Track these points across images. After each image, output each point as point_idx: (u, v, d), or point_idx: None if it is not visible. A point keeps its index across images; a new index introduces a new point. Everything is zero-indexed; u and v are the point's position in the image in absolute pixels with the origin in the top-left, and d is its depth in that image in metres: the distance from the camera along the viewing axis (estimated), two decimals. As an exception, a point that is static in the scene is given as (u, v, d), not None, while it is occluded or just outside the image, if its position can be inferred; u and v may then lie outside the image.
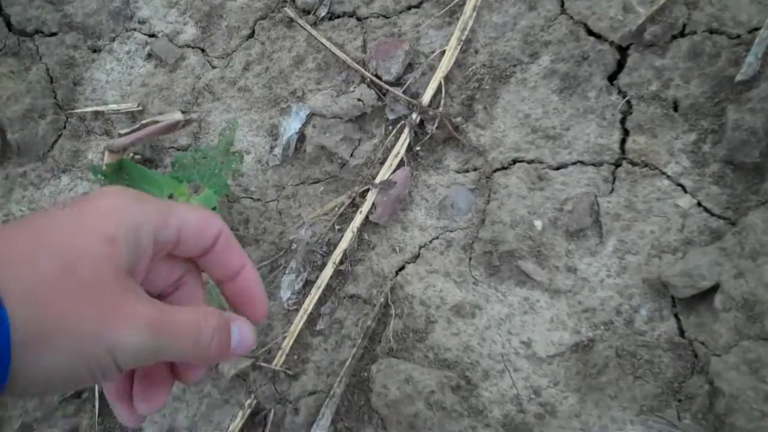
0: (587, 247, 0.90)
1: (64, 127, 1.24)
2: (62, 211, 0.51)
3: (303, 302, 1.00)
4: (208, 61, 1.21)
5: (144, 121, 1.00)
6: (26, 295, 0.45)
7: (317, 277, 1.01)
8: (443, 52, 1.04)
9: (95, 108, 1.23)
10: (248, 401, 0.98)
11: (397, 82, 1.05)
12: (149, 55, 1.25)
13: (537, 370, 0.88)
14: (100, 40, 1.30)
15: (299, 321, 0.99)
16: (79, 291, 0.48)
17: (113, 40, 1.30)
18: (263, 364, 0.98)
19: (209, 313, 0.59)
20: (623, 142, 0.93)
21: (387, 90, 1.04)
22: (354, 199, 1.02)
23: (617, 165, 0.92)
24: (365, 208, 1.00)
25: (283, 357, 0.98)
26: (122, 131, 1.00)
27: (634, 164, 0.91)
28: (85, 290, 0.48)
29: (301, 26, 1.13)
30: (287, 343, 0.98)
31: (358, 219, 1.00)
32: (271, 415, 0.97)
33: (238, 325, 0.62)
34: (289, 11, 1.15)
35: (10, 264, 0.45)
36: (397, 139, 1.03)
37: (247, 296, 0.66)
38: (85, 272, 0.48)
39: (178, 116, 0.92)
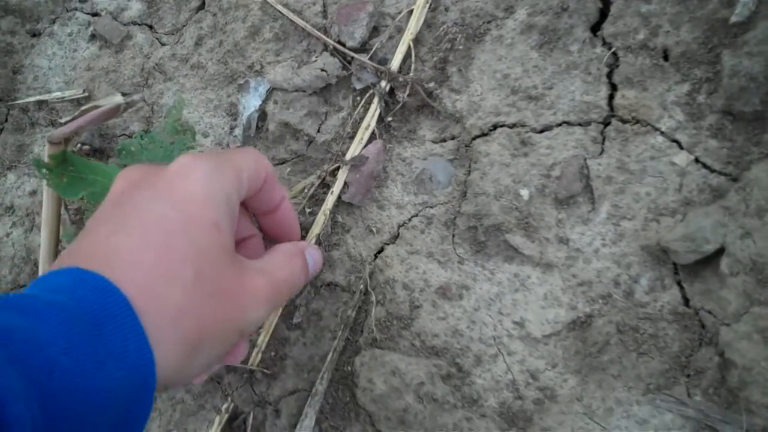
0: (579, 215, 0.85)
1: (6, 120, 1.18)
2: (157, 202, 0.54)
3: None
4: (157, 38, 1.14)
5: (83, 107, 0.94)
6: (174, 319, 0.49)
7: (290, 266, 0.96)
8: (411, 12, 0.98)
9: (38, 97, 1.17)
10: (225, 405, 0.93)
11: (363, 48, 0.99)
12: (93, 36, 1.19)
13: (533, 352, 0.84)
14: (39, 23, 1.24)
15: (274, 314, 0.94)
16: (214, 293, 0.53)
17: (53, 22, 1.23)
18: (238, 364, 0.93)
19: (294, 254, 0.69)
20: (611, 98, 0.88)
21: (352, 57, 0.98)
22: (324, 179, 0.97)
23: (606, 123, 0.87)
24: (336, 187, 0.94)
25: (259, 355, 0.93)
26: (62, 120, 0.94)
27: (624, 121, 0.86)
28: (218, 290, 0.54)
29: (255, -7, 1.07)
30: (263, 340, 0.93)
31: (330, 200, 0.94)
32: (251, 418, 0.93)
33: (309, 252, 0.73)
34: (240, -22, 1.08)
35: (148, 288, 0.49)
36: (366, 110, 0.97)
37: (285, 226, 0.75)
38: (211, 272, 0.53)
39: (119, 99, 0.87)
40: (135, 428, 0.48)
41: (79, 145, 1.07)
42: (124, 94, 0.89)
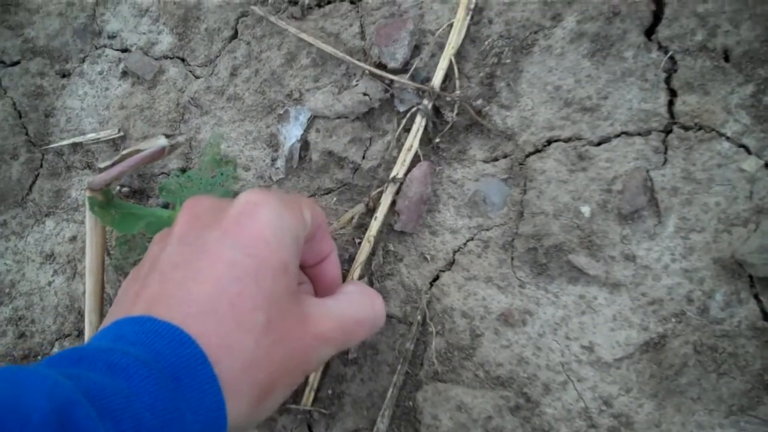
0: (645, 230, 0.86)
1: (41, 166, 1.23)
2: (226, 246, 0.57)
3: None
4: (191, 71, 1.18)
5: (124, 152, 0.97)
6: (247, 368, 0.53)
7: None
8: (451, 26, 1.00)
9: (72, 140, 1.21)
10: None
11: (405, 69, 1.01)
12: (124, 73, 1.23)
13: (604, 378, 0.85)
14: (68, 63, 1.28)
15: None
16: (281, 339, 0.56)
17: (83, 61, 1.28)
18: (291, 405, 0.95)
19: (367, 294, 0.73)
20: (671, 104, 0.89)
21: (392, 80, 1.00)
22: (368, 205, 0.99)
23: (668, 132, 0.88)
24: (380, 212, 0.96)
25: (313, 394, 0.95)
26: (101, 165, 0.97)
27: (686, 128, 0.87)
28: (285, 336, 0.57)
29: (277, 25, 1.10)
30: (315, 378, 0.95)
31: (374, 226, 0.96)
32: (310, 462, 0.95)
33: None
34: (258, 10, 1.12)
35: (223, 338, 0.53)
36: (410, 132, 0.99)
37: (328, 280, 0.78)
38: (278, 317, 0.56)
39: (163, 142, 0.90)
40: None
41: (118, 188, 1.10)
42: (167, 136, 0.92)
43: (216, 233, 0.59)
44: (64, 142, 1.21)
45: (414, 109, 0.99)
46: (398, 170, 0.97)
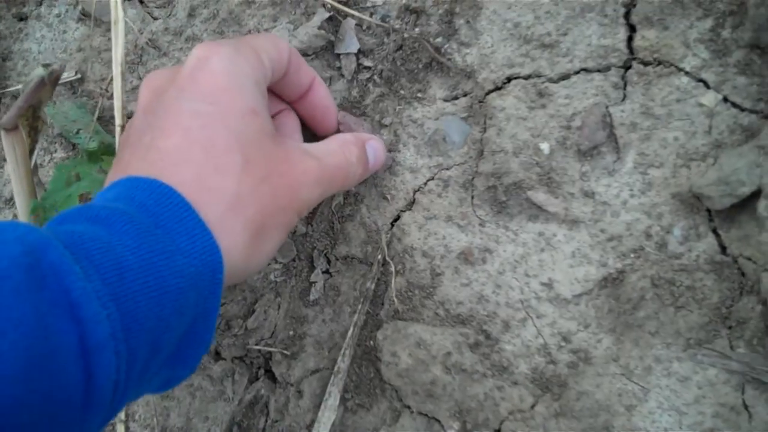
0: (604, 166, 0.84)
1: (-2, 110, 1.18)
2: (185, 100, 0.56)
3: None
4: (148, 13, 1.13)
5: (22, 87, 0.96)
6: (232, 207, 0.52)
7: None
8: (412, -36, 0.96)
9: (29, 83, 1.17)
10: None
11: (360, 4, 0.97)
12: (82, 15, 1.18)
13: (563, 314, 0.83)
14: (25, 6, 1.23)
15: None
16: (266, 177, 0.55)
17: (40, 4, 1.22)
18: (254, 346, 0.93)
19: (350, 143, 0.71)
20: (630, 39, 0.86)
21: (347, 14, 0.96)
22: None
23: (627, 67, 0.85)
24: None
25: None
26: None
27: (645, 64, 0.84)
28: (269, 174, 0.56)
29: (247, -43, 1.05)
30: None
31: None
32: (272, 401, 0.93)
33: (371, 145, 0.77)
34: (231, -58, 1.07)
35: (202, 183, 0.51)
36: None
37: (321, 108, 0.78)
38: (258, 157, 0.55)
39: (39, 71, 0.87)
40: (207, 326, 0.51)
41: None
42: (44, 66, 0.88)
43: (173, 92, 0.58)
44: (21, 86, 1.17)
45: (375, 49, 0.96)
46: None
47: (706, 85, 0.82)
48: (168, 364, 0.50)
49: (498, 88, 0.90)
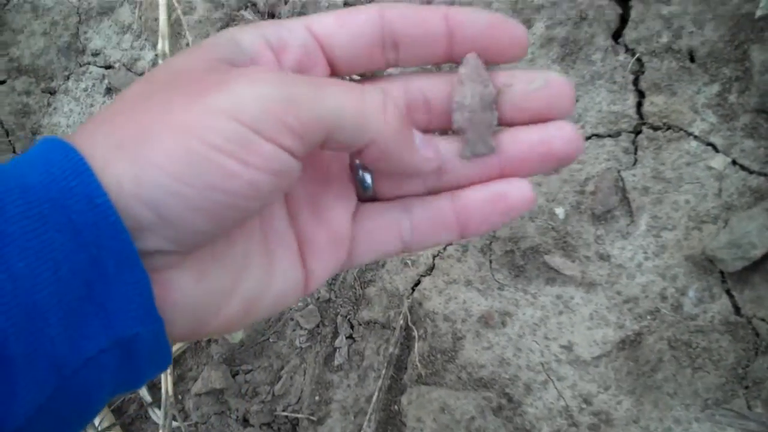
0: (618, 230, 0.87)
1: (29, 184, 1.23)
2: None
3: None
4: (172, 86, 1.18)
5: None
6: (105, 125, 0.32)
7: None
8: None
9: (59, 157, 1.21)
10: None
11: None
12: (108, 90, 1.23)
13: (583, 376, 0.85)
14: (53, 80, 1.28)
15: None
16: (168, 84, 0.35)
17: (67, 78, 1.27)
18: (282, 413, 0.95)
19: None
20: (640, 105, 0.89)
21: None
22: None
23: (637, 132, 0.88)
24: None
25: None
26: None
27: (655, 128, 0.87)
28: (175, 82, 0.35)
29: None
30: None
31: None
32: (301, 467, 0.95)
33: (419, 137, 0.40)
34: (247, 15, 1.11)
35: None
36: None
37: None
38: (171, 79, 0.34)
39: None
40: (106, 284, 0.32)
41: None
42: None
43: None
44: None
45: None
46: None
47: (715, 149, 0.84)
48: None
49: (512, 155, 0.93)
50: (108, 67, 1.25)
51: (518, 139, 0.38)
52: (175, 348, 1.02)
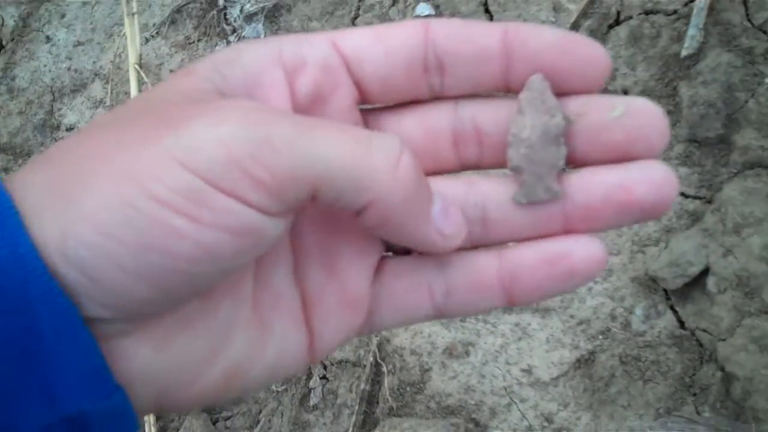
0: (568, 258, 0.92)
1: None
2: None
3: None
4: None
5: None
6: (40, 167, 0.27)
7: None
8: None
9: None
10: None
11: None
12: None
13: (544, 396, 0.90)
14: (30, 157, 1.33)
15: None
16: (120, 120, 0.29)
17: (45, 152, 1.32)
18: (259, 454, 0.99)
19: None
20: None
21: None
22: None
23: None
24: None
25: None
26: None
27: (597, 163, 0.94)
28: (134, 118, 0.29)
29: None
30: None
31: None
32: (281, 505, 0.98)
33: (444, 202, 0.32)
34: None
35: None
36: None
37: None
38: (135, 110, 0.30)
39: None
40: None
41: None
42: None
43: None
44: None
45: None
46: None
47: (652, 178, 0.91)
48: None
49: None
50: (84, 139, 1.30)
51: (590, 182, 0.29)
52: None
